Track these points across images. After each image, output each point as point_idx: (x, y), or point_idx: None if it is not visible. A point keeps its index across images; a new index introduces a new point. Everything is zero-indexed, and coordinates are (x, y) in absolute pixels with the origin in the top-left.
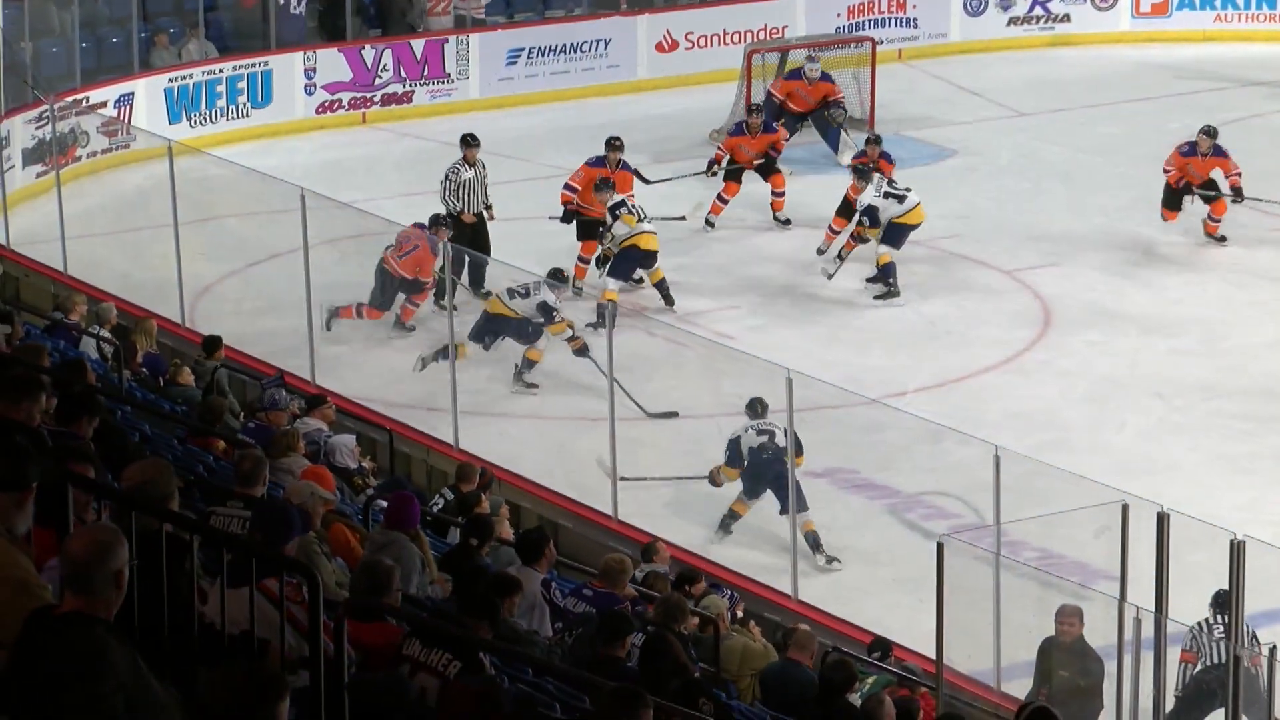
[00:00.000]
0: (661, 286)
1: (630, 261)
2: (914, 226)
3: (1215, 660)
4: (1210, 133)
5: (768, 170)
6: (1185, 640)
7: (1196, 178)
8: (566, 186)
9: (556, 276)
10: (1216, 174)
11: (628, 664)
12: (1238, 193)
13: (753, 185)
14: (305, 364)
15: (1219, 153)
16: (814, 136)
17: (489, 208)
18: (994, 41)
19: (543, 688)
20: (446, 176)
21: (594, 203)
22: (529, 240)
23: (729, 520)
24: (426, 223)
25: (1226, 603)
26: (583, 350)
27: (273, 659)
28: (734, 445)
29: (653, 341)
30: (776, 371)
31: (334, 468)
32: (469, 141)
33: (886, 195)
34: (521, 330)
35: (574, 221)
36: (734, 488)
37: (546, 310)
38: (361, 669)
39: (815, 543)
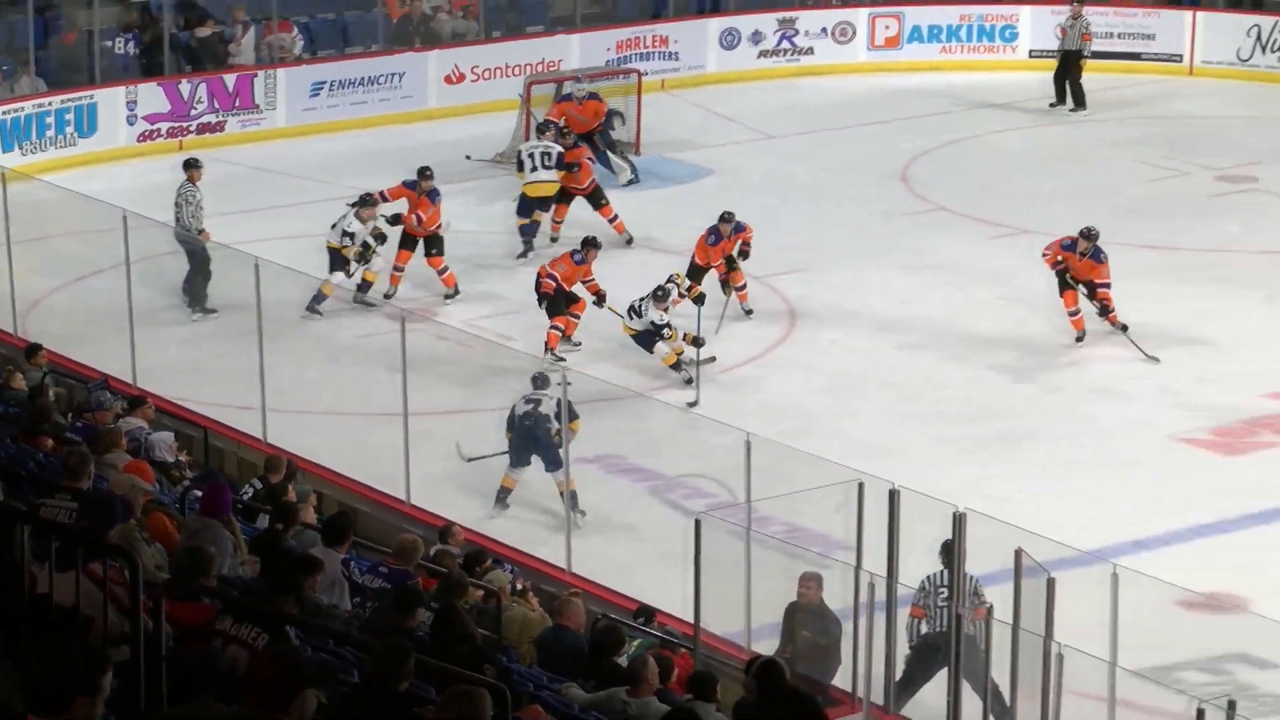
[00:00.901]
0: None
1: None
2: (529, 198)
3: (941, 626)
4: (1089, 235)
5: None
6: (916, 595)
7: (1077, 272)
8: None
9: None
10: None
11: (419, 633)
12: (1105, 308)
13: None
14: (127, 368)
15: (1096, 256)
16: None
17: None
18: (746, 72)
19: (342, 656)
20: (185, 199)
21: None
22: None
23: (502, 494)
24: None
25: (952, 552)
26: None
27: (96, 635)
28: (511, 412)
29: (441, 344)
30: (553, 369)
31: (153, 462)
32: (195, 164)
33: (530, 155)
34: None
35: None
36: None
37: (656, 328)
38: (178, 643)
39: (568, 499)
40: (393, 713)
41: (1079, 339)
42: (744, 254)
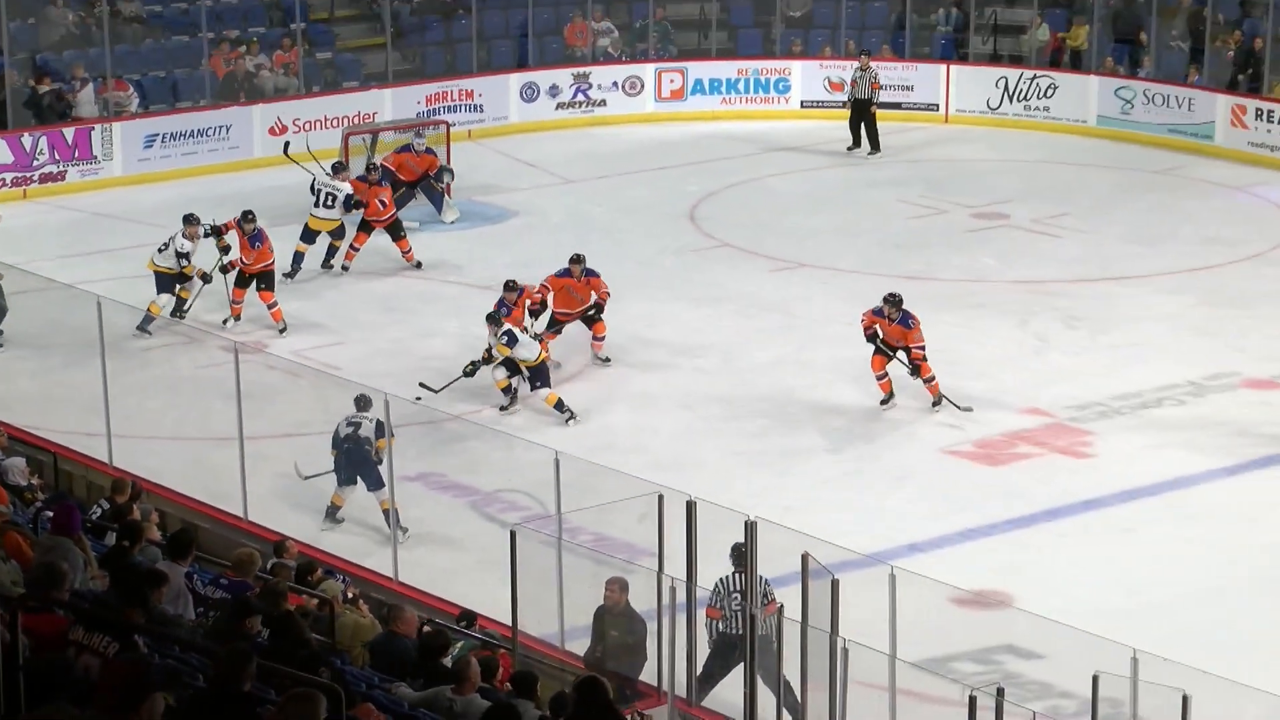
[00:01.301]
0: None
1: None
2: (310, 229)
3: (737, 629)
4: (892, 300)
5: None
6: (710, 597)
7: (888, 337)
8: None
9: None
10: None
11: (258, 639)
12: (915, 369)
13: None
14: None
15: (905, 322)
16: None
17: None
18: (546, 122)
19: (188, 662)
20: None
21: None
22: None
23: (332, 511)
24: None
25: (742, 556)
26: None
27: None
28: (335, 433)
29: (272, 373)
30: (378, 395)
31: (7, 485)
32: None
33: (319, 191)
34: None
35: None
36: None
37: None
38: (34, 653)
39: (394, 517)
40: (236, 713)
41: (884, 402)
42: (599, 308)
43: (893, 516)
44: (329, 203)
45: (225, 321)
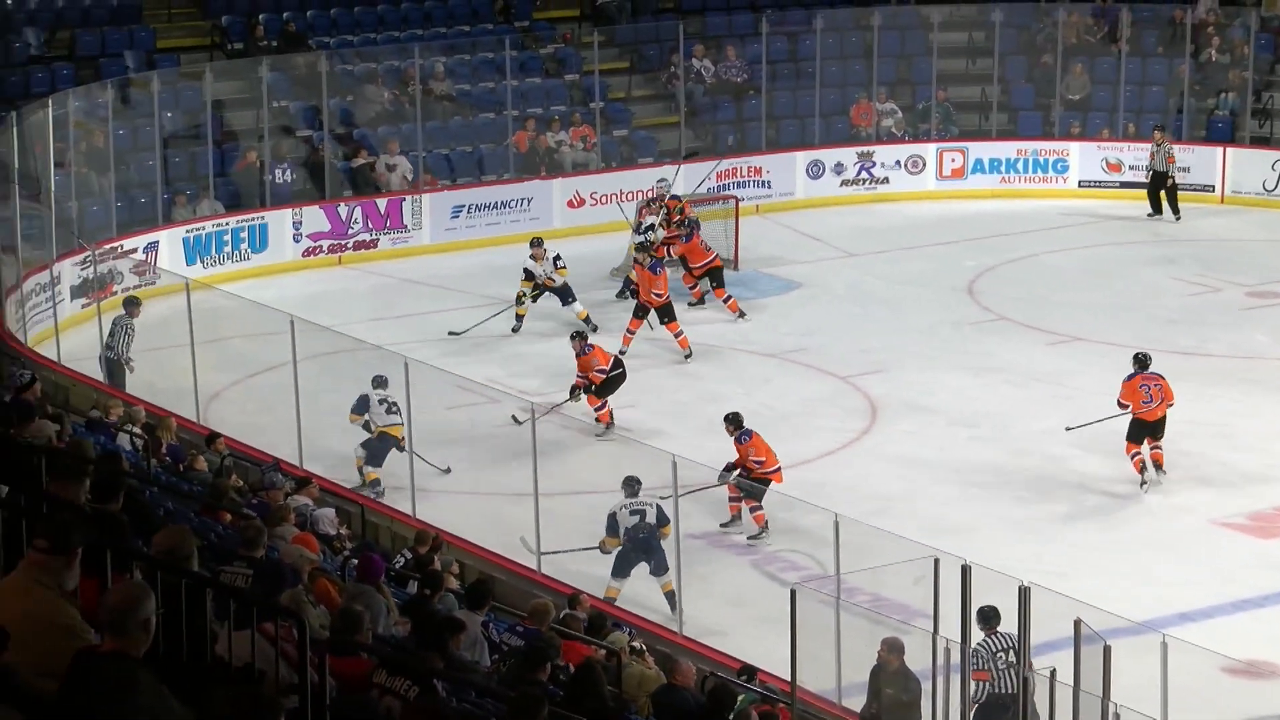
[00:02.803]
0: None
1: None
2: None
3: (1007, 688)
4: (1138, 359)
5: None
6: (975, 661)
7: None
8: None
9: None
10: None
11: (549, 687)
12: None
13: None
14: (295, 453)
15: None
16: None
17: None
18: (830, 198)
19: (483, 706)
20: (124, 329)
21: None
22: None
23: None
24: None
25: (989, 617)
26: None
27: (269, 686)
28: (612, 519)
29: (566, 433)
30: (664, 457)
31: (318, 534)
32: (136, 302)
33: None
34: None
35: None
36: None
37: None
38: (340, 694)
39: (671, 601)
40: None
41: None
42: None
43: (1162, 586)
44: (639, 228)
45: (620, 353)
